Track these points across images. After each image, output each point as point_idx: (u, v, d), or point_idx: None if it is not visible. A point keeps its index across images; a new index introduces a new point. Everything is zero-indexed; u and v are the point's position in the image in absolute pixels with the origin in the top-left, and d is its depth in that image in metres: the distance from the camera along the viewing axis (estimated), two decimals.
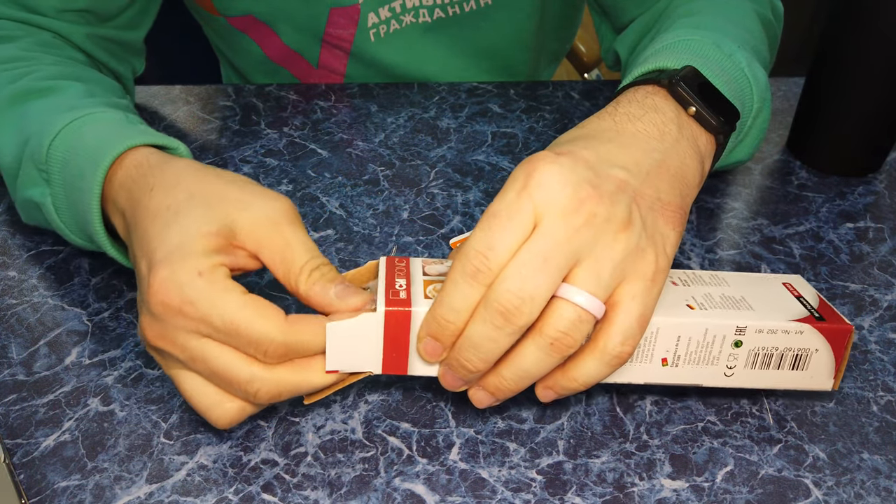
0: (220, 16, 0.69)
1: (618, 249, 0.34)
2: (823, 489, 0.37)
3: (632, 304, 0.34)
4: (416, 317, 0.36)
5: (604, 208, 0.34)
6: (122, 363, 0.44)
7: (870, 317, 0.46)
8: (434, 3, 0.67)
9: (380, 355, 0.36)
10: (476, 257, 0.34)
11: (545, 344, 0.34)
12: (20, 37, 0.54)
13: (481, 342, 0.34)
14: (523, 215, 0.34)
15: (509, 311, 0.33)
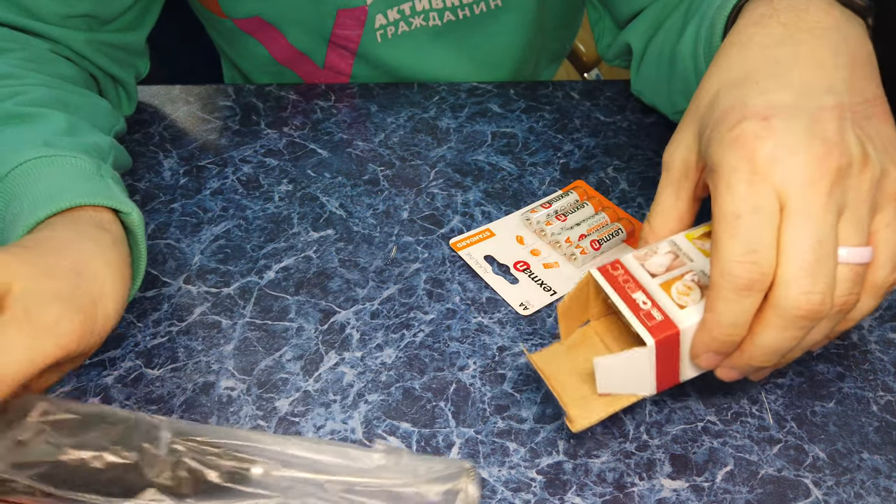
0: (227, 18, 0.69)
1: (865, 189, 0.32)
2: (823, 489, 0.37)
3: (887, 231, 0.33)
4: (683, 335, 0.34)
5: (842, 156, 0.32)
6: (122, 363, 0.44)
7: (870, 317, 0.46)
8: (444, 6, 0.67)
9: (653, 379, 0.35)
10: (742, 268, 0.31)
11: (834, 314, 0.33)
12: (12, 50, 0.53)
13: (781, 346, 0.33)
14: (768, 202, 0.31)
15: (814, 311, 0.31)
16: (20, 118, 0.47)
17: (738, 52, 0.36)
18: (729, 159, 0.32)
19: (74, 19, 0.56)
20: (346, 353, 0.44)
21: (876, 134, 0.34)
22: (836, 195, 0.32)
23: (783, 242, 0.31)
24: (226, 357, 0.44)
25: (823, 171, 0.31)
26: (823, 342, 0.35)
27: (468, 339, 0.45)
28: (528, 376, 0.43)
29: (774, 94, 0.33)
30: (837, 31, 0.36)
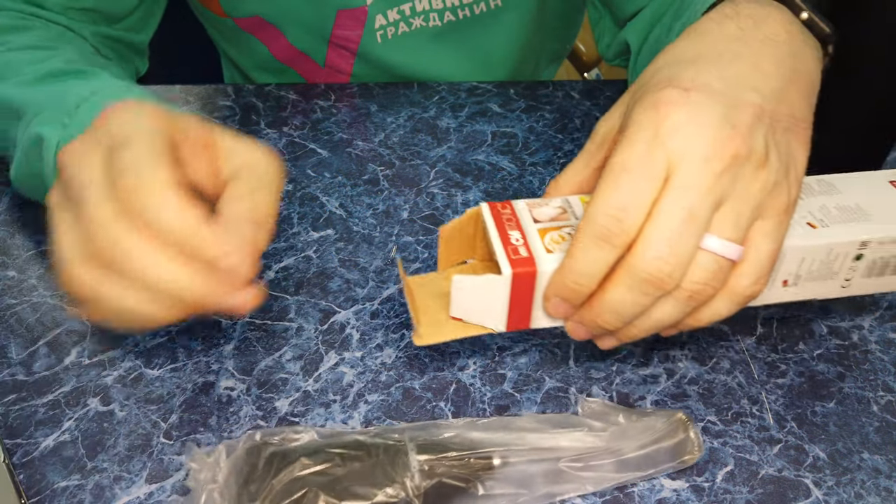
0: (227, 17, 0.69)
1: (756, 189, 0.32)
2: (824, 489, 0.37)
3: (763, 242, 0.33)
4: (541, 277, 0.35)
5: (743, 146, 0.32)
6: (122, 363, 0.44)
7: (870, 316, 0.46)
8: (444, 7, 0.67)
9: (504, 314, 0.36)
10: (608, 220, 0.31)
11: (684, 297, 0.33)
12: (36, 27, 0.55)
13: (624, 308, 0.33)
14: (657, 167, 0.31)
15: (660, 279, 0.31)
16: (76, 74, 0.47)
17: (690, 40, 0.37)
18: (640, 119, 0.33)
19: (77, 11, 0.57)
20: (346, 353, 0.44)
21: (786, 149, 0.34)
22: (723, 181, 0.32)
23: (655, 208, 0.31)
24: (225, 357, 0.44)
25: (719, 153, 0.31)
26: (672, 330, 0.36)
27: (468, 338, 0.45)
28: (528, 376, 0.43)
29: (706, 76, 0.34)
30: (788, 46, 0.36)
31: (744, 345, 0.44)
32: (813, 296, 0.38)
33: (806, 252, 0.37)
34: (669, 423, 0.37)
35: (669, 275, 0.31)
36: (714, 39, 0.36)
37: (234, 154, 0.37)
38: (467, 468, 0.35)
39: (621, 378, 0.42)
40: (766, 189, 0.33)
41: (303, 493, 0.34)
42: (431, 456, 0.35)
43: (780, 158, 0.33)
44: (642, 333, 0.35)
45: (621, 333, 0.35)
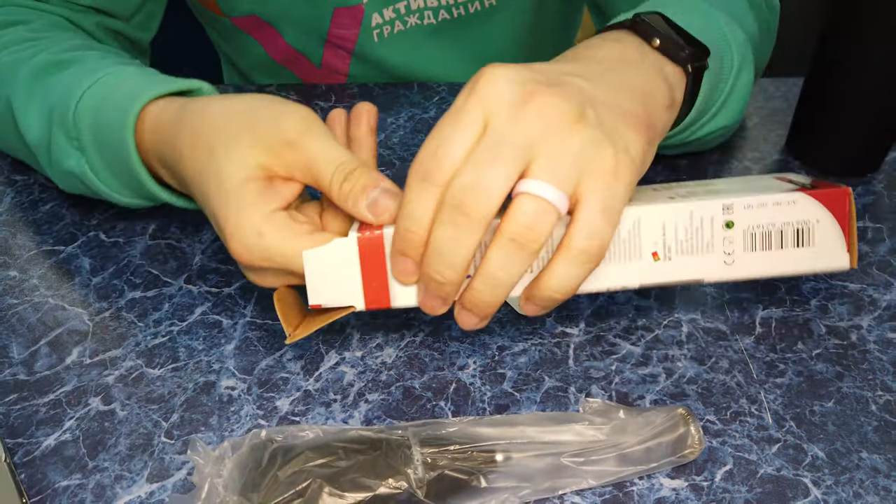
0: (225, 16, 0.69)
1: (573, 142, 0.33)
2: (822, 488, 0.37)
3: (593, 197, 0.33)
4: (388, 237, 0.35)
5: (555, 102, 0.33)
6: (123, 363, 0.44)
7: (869, 316, 0.46)
8: (439, 5, 0.67)
9: (360, 288, 0.36)
10: (426, 160, 0.33)
11: (507, 241, 0.33)
12: (31, 20, 0.55)
13: (445, 246, 0.33)
14: (472, 115, 0.33)
15: (465, 204, 0.32)
16: (58, 65, 0.49)
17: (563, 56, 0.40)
18: (467, 84, 0.35)
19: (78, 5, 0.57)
20: (346, 352, 0.44)
21: (612, 125, 0.34)
22: (534, 126, 0.32)
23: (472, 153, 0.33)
24: (226, 356, 0.44)
25: (528, 103, 0.33)
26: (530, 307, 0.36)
27: (468, 338, 0.45)
28: (527, 376, 0.43)
29: (533, 65, 0.36)
30: (620, 63, 0.38)
31: (742, 344, 0.44)
32: (697, 275, 0.36)
33: (664, 216, 0.35)
34: (670, 418, 0.37)
35: (474, 200, 0.32)
36: (564, 55, 0.39)
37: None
38: (470, 461, 0.35)
39: (620, 377, 0.43)
40: (584, 145, 0.33)
41: (307, 484, 0.34)
42: (434, 449, 0.36)
43: (603, 126, 0.34)
44: (486, 296, 0.34)
45: (466, 300, 0.35)
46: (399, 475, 0.35)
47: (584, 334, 0.45)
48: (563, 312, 0.46)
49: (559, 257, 0.34)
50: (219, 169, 0.38)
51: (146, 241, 0.52)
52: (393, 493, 0.34)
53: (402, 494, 0.34)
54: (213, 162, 0.38)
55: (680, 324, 0.46)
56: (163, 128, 0.41)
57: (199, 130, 0.39)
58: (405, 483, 0.34)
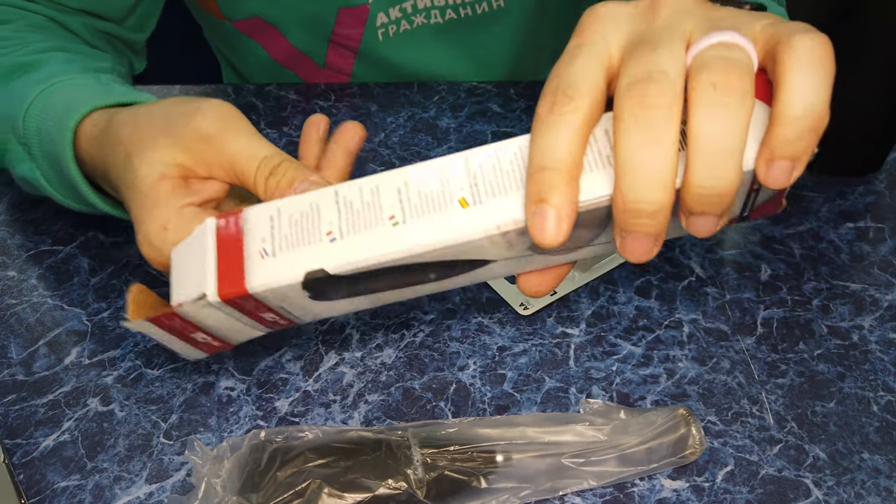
0: (226, 20, 0.69)
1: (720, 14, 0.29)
2: (824, 489, 0.37)
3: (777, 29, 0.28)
4: (247, 214, 0.31)
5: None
6: (122, 363, 0.44)
7: (870, 317, 0.46)
8: (446, 4, 0.67)
9: (214, 271, 0.32)
10: (547, 97, 0.28)
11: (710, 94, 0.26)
12: (12, 20, 0.54)
13: (638, 157, 0.26)
14: (589, 45, 0.29)
15: (647, 95, 0.26)
16: (21, 68, 0.48)
17: None
18: None
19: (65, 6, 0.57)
20: (345, 353, 0.44)
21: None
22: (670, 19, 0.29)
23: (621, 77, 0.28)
24: (225, 357, 0.44)
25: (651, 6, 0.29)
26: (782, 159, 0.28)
27: (468, 339, 0.45)
28: (528, 376, 0.43)
29: None
30: None
31: (744, 345, 0.44)
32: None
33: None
34: (671, 419, 0.37)
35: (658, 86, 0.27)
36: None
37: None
38: (470, 462, 0.35)
39: (621, 378, 0.42)
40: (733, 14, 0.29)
41: (306, 484, 0.34)
42: (434, 450, 0.36)
43: None
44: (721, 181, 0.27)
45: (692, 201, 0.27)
46: (399, 476, 0.35)
47: (584, 335, 0.45)
48: (563, 313, 0.46)
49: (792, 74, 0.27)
50: (135, 171, 0.37)
51: None
52: (393, 493, 0.34)
53: (402, 495, 0.34)
54: (130, 166, 0.37)
55: (681, 324, 0.45)
56: (97, 140, 0.41)
57: (121, 138, 0.39)
58: (405, 484, 0.34)
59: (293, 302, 0.32)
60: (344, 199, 0.31)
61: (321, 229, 0.31)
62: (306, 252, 0.31)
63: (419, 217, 0.31)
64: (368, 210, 0.31)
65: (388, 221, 0.31)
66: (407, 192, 0.31)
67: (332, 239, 0.31)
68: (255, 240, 0.31)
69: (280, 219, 0.32)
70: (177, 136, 0.37)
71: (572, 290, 0.47)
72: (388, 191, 0.31)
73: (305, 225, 0.31)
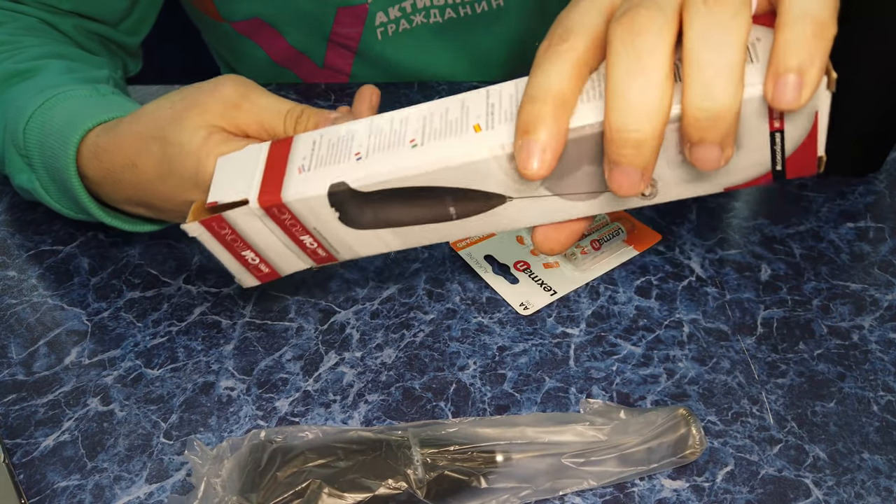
0: (225, 21, 0.69)
1: None
2: (824, 489, 0.37)
3: None
4: (298, 139, 0.35)
5: None
6: (122, 363, 0.44)
7: (870, 317, 0.46)
8: (446, 4, 0.67)
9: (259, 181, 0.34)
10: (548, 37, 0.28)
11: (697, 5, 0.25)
12: (4, 22, 0.54)
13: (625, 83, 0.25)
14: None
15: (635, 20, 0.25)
16: (20, 75, 0.49)
17: None
18: None
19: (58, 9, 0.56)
20: (345, 353, 0.44)
21: None
22: None
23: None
24: (225, 357, 0.44)
25: None
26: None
27: (468, 339, 0.45)
28: (528, 376, 0.43)
29: None
30: None
31: (744, 345, 0.44)
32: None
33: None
34: (671, 419, 0.37)
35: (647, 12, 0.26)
36: None
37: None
38: (470, 462, 0.35)
39: (621, 378, 0.42)
40: None
41: (306, 484, 0.34)
42: (434, 450, 0.35)
43: None
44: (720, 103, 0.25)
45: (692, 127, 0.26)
46: (399, 476, 0.35)
47: (584, 335, 0.45)
48: (563, 313, 0.46)
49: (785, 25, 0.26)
50: (179, 144, 0.38)
51: (145, 241, 0.52)
52: (393, 493, 0.34)
53: (402, 495, 0.34)
54: (169, 143, 0.38)
55: (681, 324, 0.45)
56: (105, 151, 0.41)
57: (142, 131, 0.40)
58: (405, 483, 0.34)
59: (325, 225, 0.35)
60: (377, 126, 0.34)
61: (352, 150, 0.34)
62: (335, 169, 0.34)
63: (436, 140, 0.33)
64: (394, 135, 0.34)
65: (409, 144, 0.33)
66: (431, 119, 0.34)
67: (358, 158, 0.34)
68: (297, 158, 0.34)
69: (321, 141, 0.35)
70: (206, 108, 0.38)
71: (572, 290, 0.48)
72: (415, 119, 0.34)
73: (340, 147, 0.34)
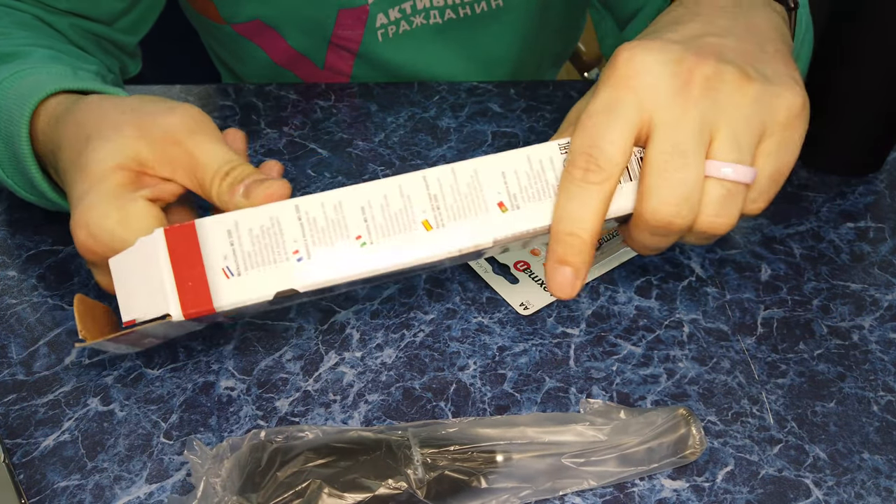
0: (226, 23, 0.68)
1: (746, 102, 0.31)
2: (824, 489, 0.37)
3: (765, 162, 0.32)
4: (201, 225, 0.31)
5: (713, 67, 0.31)
6: (122, 363, 0.44)
7: (870, 317, 0.46)
8: (445, 5, 0.67)
9: (174, 290, 0.30)
10: (580, 158, 0.31)
11: (700, 233, 0.32)
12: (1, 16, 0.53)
13: (653, 244, 0.33)
14: (626, 107, 0.31)
15: (671, 221, 0.31)
16: (3, 58, 0.47)
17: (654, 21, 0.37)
18: (602, 77, 0.32)
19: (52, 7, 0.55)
20: (346, 353, 0.44)
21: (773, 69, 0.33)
22: (702, 106, 0.31)
23: (645, 155, 0.31)
24: (225, 357, 0.44)
25: (691, 80, 0.31)
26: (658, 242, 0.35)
27: (468, 339, 0.45)
28: (528, 376, 0.43)
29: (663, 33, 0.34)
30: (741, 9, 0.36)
31: (744, 345, 0.44)
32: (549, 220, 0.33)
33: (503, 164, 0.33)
34: (671, 419, 0.37)
35: (678, 214, 0.31)
36: (667, 19, 0.36)
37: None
38: (470, 462, 0.35)
39: (621, 378, 0.42)
40: (757, 99, 0.31)
41: (306, 484, 0.34)
42: (434, 450, 0.35)
43: (764, 71, 0.32)
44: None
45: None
46: (399, 476, 0.35)
47: (584, 335, 0.45)
48: (563, 313, 0.46)
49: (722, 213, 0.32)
50: (93, 154, 0.36)
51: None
52: (393, 493, 0.34)
53: (402, 495, 0.34)
54: (87, 148, 0.36)
55: (681, 324, 0.45)
56: (56, 120, 0.40)
57: (83, 121, 0.38)
58: (405, 484, 0.34)
59: (253, 309, 0.33)
60: (306, 215, 0.32)
61: (286, 247, 0.31)
62: (274, 272, 0.31)
63: (385, 238, 0.32)
64: (333, 227, 0.32)
65: (355, 241, 0.32)
66: (371, 210, 0.32)
67: (299, 258, 0.31)
68: (216, 256, 0.31)
69: (239, 233, 0.31)
70: (145, 130, 0.36)
71: None
72: (351, 207, 0.32)
73: (268, 242, 0.31)
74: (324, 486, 0.34)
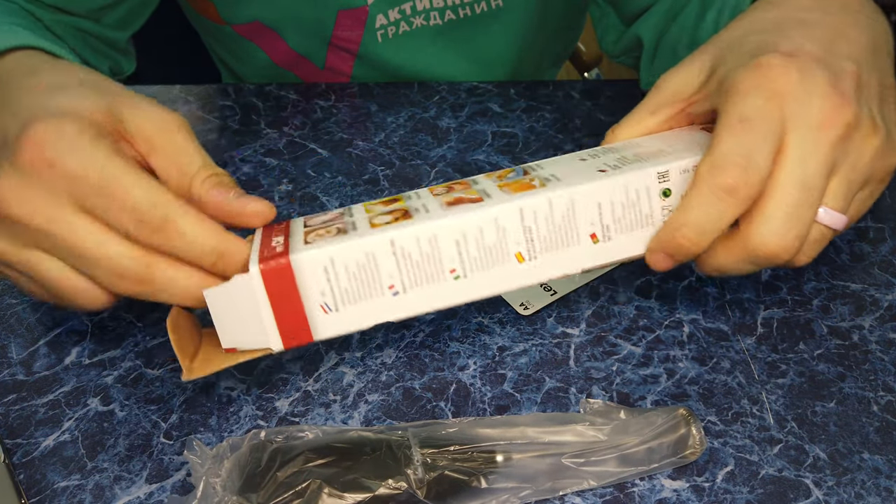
0: (226, 24, 0.68)
1: (868, 155, 0.31)
2: (824, 489, 0.37)
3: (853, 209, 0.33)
4: (297, 264, 0.31)
5: (854, 115, 0.31)
6: (122, 363, 0.44)
7: (870, 317, 0.46)
8: (445, 5, 0.67)
9: (273, 324, 0.32)
10: (733, 169, 0.30)
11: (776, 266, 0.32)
12: None
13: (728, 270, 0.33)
14: (774, 123, 0.30)
15: (777, 255, 0.31)
16: None
17: (766, 11, 0.36)
18: (750, 79, 0.32)
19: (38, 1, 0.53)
20: (345, 353, 0.44)
21: (888, 116, 0.34)
22: (837, 150, 0.31)
23: (772, 180, 0.31)
24: None
25: (834, 122, 0.31)
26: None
27: (468, 339, 0.45)
28: (528, 376, 0.43)
29: (801, 41, 0.33)
30: (863, 14, 0.36)
31: (744, 345, 0.44)
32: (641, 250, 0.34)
33: (598, 195, 0.33)
34: (671, 419, 0.37)
35: (787, 249, 0.31)
36: (791, 9, 0.36)
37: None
38: (470, 462, 0.35)
39: (621, 378, 0.42)
40: (876, 156, 0.32)
41: (306, 484, 0.34)
42: (434, 450, 0.35)
43: (885, 124, 0.33)
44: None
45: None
46: (399, 476, 0.35)
47: (584, 335, 0.45)
48: (563, 313, 0.46)
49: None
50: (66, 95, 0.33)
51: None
52: (393, 493, 0.34)
53: (402, 495, 0.34)
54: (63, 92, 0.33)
55: (681, 324, 0.45)
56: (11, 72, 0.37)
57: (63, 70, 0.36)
58: (405, 484, 0.34)
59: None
60: (401, 250, 0.32)
61: (382, 283, 0.32)
62: (370, 306, 0.32)
63: (479, 271, 0.33)
64: (428, 262, 0.32)
65: (450, 275, 0.33)
66: (466, 243, 0.33)
67: (394, 293, 0.33)
68: (314, 292, 0.32)
69: (336, 270, 0.32)
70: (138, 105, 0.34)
71: (572, 290, 0.48)
72: (446, 240, 0.32)
73: (364, 277, 0.32)
74: (324, 486, 0.34)
